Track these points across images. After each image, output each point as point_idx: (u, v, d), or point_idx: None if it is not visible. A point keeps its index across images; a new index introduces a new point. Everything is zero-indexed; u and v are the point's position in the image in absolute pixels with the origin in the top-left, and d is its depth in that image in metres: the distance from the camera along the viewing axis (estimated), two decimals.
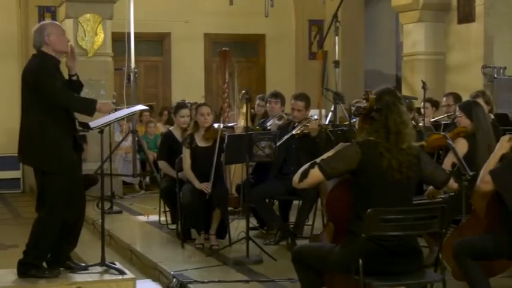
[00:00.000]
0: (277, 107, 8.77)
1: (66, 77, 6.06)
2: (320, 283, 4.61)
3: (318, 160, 4.53)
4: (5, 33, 14.13)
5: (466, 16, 12.07)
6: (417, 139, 4.81)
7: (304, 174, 4.52)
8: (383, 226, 4.30)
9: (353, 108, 8.04)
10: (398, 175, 4.42)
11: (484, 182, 4.84)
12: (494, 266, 5.15)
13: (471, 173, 5.88)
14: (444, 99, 9.78)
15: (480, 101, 7.22)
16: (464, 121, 6.51)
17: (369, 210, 4.24)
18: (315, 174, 4.48)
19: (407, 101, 7.85)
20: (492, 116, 7.56)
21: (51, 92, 5.74)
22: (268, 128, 8.47)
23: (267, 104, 8.98)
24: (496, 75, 11.22)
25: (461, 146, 6.32)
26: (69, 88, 5.96)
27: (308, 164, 4.55)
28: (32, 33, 6.05)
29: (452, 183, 4.66)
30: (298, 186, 4.63)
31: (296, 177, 4.56)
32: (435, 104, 10.79)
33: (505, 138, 5.02)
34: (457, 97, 9.21)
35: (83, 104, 6.03)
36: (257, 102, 9.49)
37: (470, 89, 9.84)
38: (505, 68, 11.37)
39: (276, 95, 8.89)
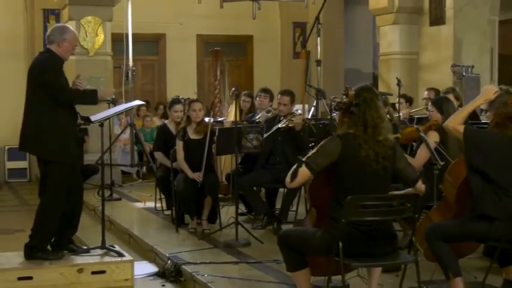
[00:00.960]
0: (266, 101, 8.79)
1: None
2: (304, 264, 4.61)
3: (304, 159, 4.53)
4: (12, 33, 14.12)
5: (437, 19, 12.08)
6: (392, 132, 4.81)
7: (294, 174, 4.53)
8: (361, 212, 4.30)
9: (333, 104, 8.08)
10: (375, 165, 4.42)
11: (456, 129, 4.85)
12: (462, 248, 5.16)
13: (442, 163, 5.90)
14: (426, 93, 9.85)
15: (451, 97, 7.23)
16: (435, 115, 6.51)
17: (348, 197, 4.25)
18: (303, 173, 4.48)
19: (383, 96, 7.85)
20: None
21: (56, 87, 5.72)
22: (258, 120, 8.46)
23: (257, 99, 8.99)
24: (464, 74, 11.24)
25: (433, 138, 6.33)
26: None
27: (296, 165, 4.54)
28: (53, 28, 6.02)
29: (421, 185, 4.64)
30: (290, 186, 4.64)
31: (288, 179, 4.56)
32: (409, 100, 10.83)
33: (491, 90, 5.00)
34: (437, 92, 9.27)
35: (86, 96, 6.03)
36: (242, 98, 9.48)
37: (441, 86, 9.88)
38: (472, 67, 11.40)
39: (266, 91, 8.92)
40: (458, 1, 11.78)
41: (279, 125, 7.77)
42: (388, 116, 5.31)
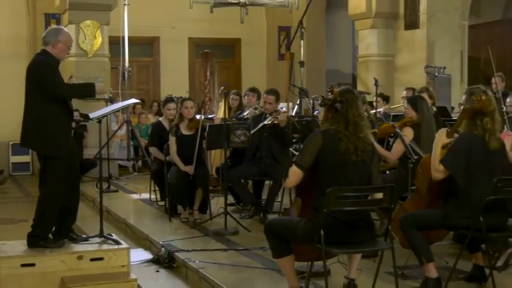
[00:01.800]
0: (254, 99, 8.79)
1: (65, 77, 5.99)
2: (288, 251, 4.61)
3: (294, 159, 4.54)
4: (16, 36, 14.08)
5: (412, 23, 12.12)
6: (370, 128, 4.82)
7: (286, 175, 4.54)
8: (341, 202, 4.29)
9: (316, 102, 8.10)
10: (354, 157, 4.43)
11: (438, 171, 4.84)
12: (430, 236, 5.17)
13: (416, 157, 5.91)
14: (404, 92, 9.87)
15: (424, 95, 7.24)
16: (410, 112, 6.52)
17: (329, 188, 4.25)
18: (294, 171, 4.49)
19: (362, 95, 7.86)
20: (434, 109, 7.58)
21: (53, 85, 5.66)
22: (246, 116, 8.46)
23: (245, 97, 8.99)
24: (437, 74, 11.28)
25: (408, 134, 6.34)
26: None
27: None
28: (48, 30, 5.97)
29: (378, 194, 4.63)
30: (288, 186, 4.63)
31: (285, 183, 4.58)
32: (385, 99, 10.86)
33: (442, 133, 5.01)
34: (414, 92, 9.30)
35: (84, 89, 5.97)
36: (231, 96, 9.47)
37: (415, 85, 9.92)
38: (444, 68, 11.44)
39: (254, 90, 8.92)
40: (431, 7, 11.82)
41: (265, 122, 7.76)
42: (366, 113, 5.32)
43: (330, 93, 4.64)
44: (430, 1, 11.80)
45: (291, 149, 8.11)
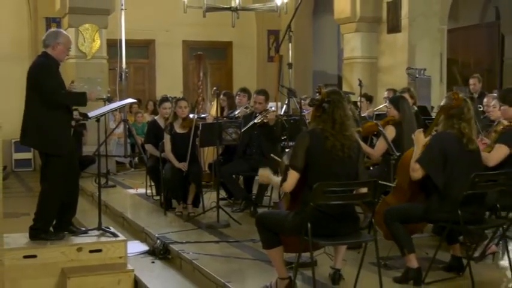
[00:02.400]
0: (245, 99, 8.77)
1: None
2: (277, 242, 4.61)
3: (287, 163, 4.53)
4: (18, 39, 14.02)
5: (394, 27, 12.14)
6: (355, 126, 4.83)
7: (284, 179, 4.53)
8: (327, 197, 4.30)
9: (303, 102, 8.10)
10: (341, 153, 4.43)
11: (415, 170, 4.85)
12: (411, 228, 5.18)
13: (397, 154, 5.92)
14: (386, 93, 9.88)
15: (406, 95, 7.24)
16: (393, 112, 6.52)
17: (315, 184, 4.25)
18: (292, 174, 4.47)
19: (346, 95, 7.86)
20: (415, 108, 7.60)
21: (50, 91, 5.62)
22: (237, 115, 8.45)
23: (237, 97, 8.97)
24: (417, 75, 11.30)
25: (390, 132, 6.35)
26: None
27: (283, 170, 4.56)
28: (48, 33, 5.94)
29: (362, 189, 4.61)
30: (287, 190, 4.58)
31: (282, 187, 4.55)
32: (369, 99, 10.85)
33: (420, 135, 5.02)
34: (396, 92, 9.30)
35: (77, 99, 5.97)
36: (221, 97, 9.47)
37: (397, 86, 9.93)
38: (424, 70, 11.46)
39: (245, 90, 8.90)
40: (412, 12, 11.85)
41: (255, 120, 7.76)
42: (350, 112, 5.32)
43: (317, 94, 4.64)
44: (411, 6, 11.83)
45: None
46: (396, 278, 4.89)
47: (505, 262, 5.21)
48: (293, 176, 4.47)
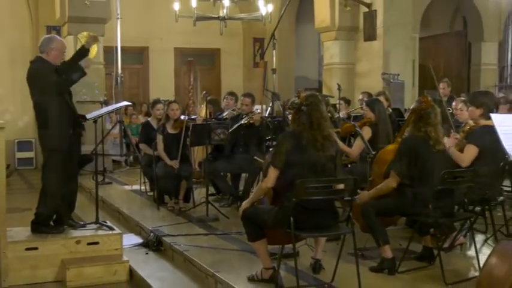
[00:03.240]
0: (232, 102, 8.76)
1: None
2: (262, 235, 4.60)
3: (270, 161, 4.52)
4: (20, 45, 13.94)
5: (370, 36, 12.17)
6: (333, 127, 4.83)
7: (265, 175, 4.53)
8: (308, 192, 4.30)
9: (286, 104, 8.10)
10: (320, 153, 4.44)
11: (391, 177, 4.87)
12: (385, 221, 5.19)
13: (373, 152, 5.93)
14: (361, 95, 9.89)
15: (381, 98, 7.27)
16: (369, 114, 6.54)
17: (298, 180, 4.25)
18: (272, 172, 4.47)
19: (326, 98, 7.88)
20: (390, 110, 7.63)
21: (53, 83, 5.57)
22: (225, 116, 8.44)
23: (224, 100, 8.96)
24: (391, 80, 11.34)
25: (366, 132, 6.36)
26: None
27: (265, 168, 4.56)
28: (43, 39, 5.87)
29: (340, 185, 4.61)
30: (268, 186, 4.56)
31: (263, 183, 4.55)
32: (347, 101, 10.88)
33: (363, 194, 5.07)
34: (370, 95, 9.32)
35: (79, 55, 5.89)
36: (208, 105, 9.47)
37: (373, 90, 9.97)
38: (398, 75, 11.51)
39: (232, 94, 8.90)
40: (387, 22, 11.88)
41: (242, 122, 7.76)
42: (329, 114, 5.33)
43: (297, 98, 4.65)
44: (385, 16, 11.87)
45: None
46: (372, 268, 4.91)
47: (471, 252, 5.24)
48: (273, 173, 4.47)
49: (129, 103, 9.75)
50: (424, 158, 4.80)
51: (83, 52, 5.85)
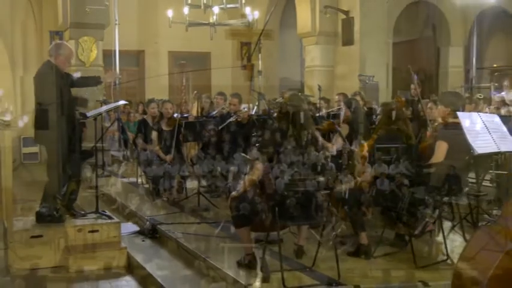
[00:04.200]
0: (222, 101, 8.74)
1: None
2: (246, 222, 4.59)
3: (256, 156, 4.51)
4: (25, 48, 13.87)
5: (348, 41, 12.20)
6: (313, 124, 4.84)
7: (251, 168, 4.52)
8: (292, 185, 4.30)
9: (272, 103, 8.10)
10: (303, 149, 4.44)
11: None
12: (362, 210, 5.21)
13: (350, 147, 5.94)
14: (337, 97, 9.89)
15: (358, 98, 7.28)
16: (347, 112, 6.55)
17: (282, 174, 4.25)
18: (258, 166, 4.47)
19: (308, 98, 7.88)
20: (365, 109, 7.64)
21: (57, 86, 5.54)
22: (215, 115, 8.42)
23: (214, 100, 8.95)
24: (367, 81, 11.39)
25: (345, 129, 6.37)
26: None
27: (252, 162, 4.57)
28: (53, 44, 5.84)
29: (321, 178, 4.60)
30: (255, 178, 4.54)
31: (250, 176, 4.52)
32: (327, 101, 10.88)
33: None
34: (345, 96, 9.31)
35: (91, 82, 6.08)
36: (205, 99, 9.42)
37: (350, 90, 9.97)
38: (373, 77, 11.56)
39: (221, 94, 8.88)
40: (363, 28, 11.93)
41: (230, 119, 7.75)
42: (311, 113, 5.34)
43: (281, 98, 4.67)
44: (362, 23, 11.90)
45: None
46: (350, 253, 4.93)
47: (440, 238, 5.27)
48: (259, 167, 4.47)
49: (126, 102, 9.70)
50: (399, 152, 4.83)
51: (96, 82, 5.86)
